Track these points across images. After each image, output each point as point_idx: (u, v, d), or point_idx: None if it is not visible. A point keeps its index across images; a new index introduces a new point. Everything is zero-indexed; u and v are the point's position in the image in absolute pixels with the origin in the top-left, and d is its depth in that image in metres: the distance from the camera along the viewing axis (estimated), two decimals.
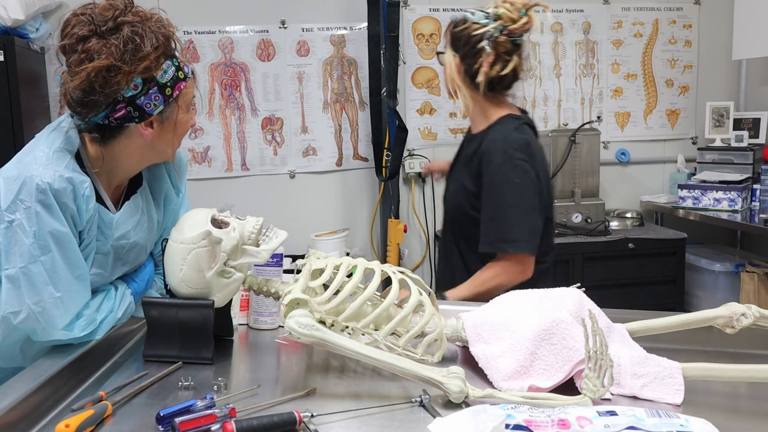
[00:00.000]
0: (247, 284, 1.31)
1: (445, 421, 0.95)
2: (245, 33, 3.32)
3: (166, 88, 1.27)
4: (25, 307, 1.20)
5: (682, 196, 3.31)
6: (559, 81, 3.59)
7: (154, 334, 1.27)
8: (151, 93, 1.26)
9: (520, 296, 1.30)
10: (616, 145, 3.68)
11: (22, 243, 1.19)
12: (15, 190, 1.20)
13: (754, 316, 1.25)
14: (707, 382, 1.15)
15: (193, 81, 1.36)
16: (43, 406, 1.06)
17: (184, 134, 1.38)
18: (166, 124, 1.32)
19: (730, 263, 3.19)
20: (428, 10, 3.44)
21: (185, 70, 1.31)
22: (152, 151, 1.35)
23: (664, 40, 3.66)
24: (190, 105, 1.36)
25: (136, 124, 1.28)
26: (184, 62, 1.32)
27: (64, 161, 1.24)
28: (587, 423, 0.88)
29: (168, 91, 1.28)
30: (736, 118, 3.49)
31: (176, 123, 1.33)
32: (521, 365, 1.14)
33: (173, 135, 1.35)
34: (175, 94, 1.29)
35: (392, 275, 1.26)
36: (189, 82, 1.33)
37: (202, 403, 1.01)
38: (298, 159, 3.43)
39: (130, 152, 1.33)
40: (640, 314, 1.44)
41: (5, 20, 2.68)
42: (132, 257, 1.43)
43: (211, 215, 1.27)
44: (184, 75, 1.31)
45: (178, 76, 1.29)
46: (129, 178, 1.41)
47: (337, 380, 1.18)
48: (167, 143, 1.35)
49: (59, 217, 1.21)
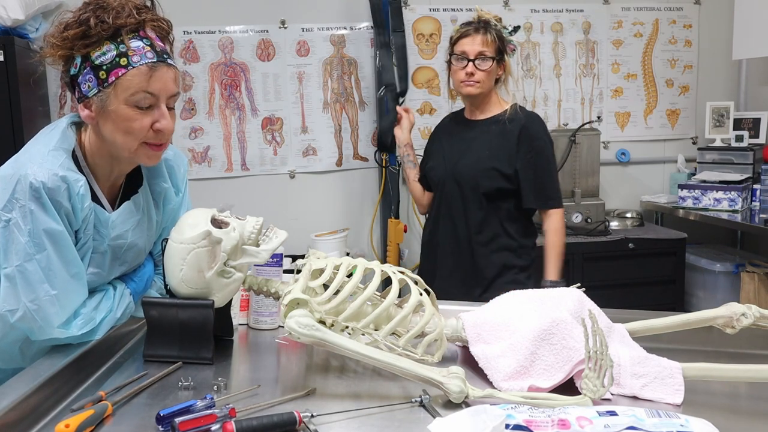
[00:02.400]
0: (247, 284, 1.31)
1: (445, 421, 0.95)
2: (245, 33, 3.32)
3: (100, 71, 1.23)
4: (22, 306, 1.20)
5: (682, 196, 3.31)
6: (559, 81, 3.59)
7: (154, 334, 1.27)
8: (86, 73, 1.24)
9: (520, 296, 1.31)
10: (616, 145, 3.67)
11: (17, 241, 1.19)
12: (10, 188, 1.20)
13: (754, 316, 1.25)
14: (707, 382, 1.15)
15: (151, 78, 1.23)
16: (43, 406, 1.06)
17: (132, 133, 1.25)
18: (105, 113, 1.24)
19: (730, 263, 3.18)
20: (428, 10, 3.44)
21: (133, 60, 1.22)
22: (113, 147, 1.29)
23: (664, 40, 3.66)
24: (134, 100, 1.23)
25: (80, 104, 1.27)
26: (142, 53, 1.23)
27: (59, 160, 1.25)
28: (587, 423, 0.88)
29: (102, 75, 1.23)
30: (737, 118, 3.48)
31: (116, 115, 1.24)
32: (521, 365, 1.14)
33: (115, 128, 1.25)
34: (111, 80, 1.22)
35: (392, 275, 1.26)
36: (132, 73, 1.22)
37: (202, 403, 1.01)
38: (298, 159, 3.43)
39: (99, 145, 1.31)
40: (640, 314, 1.44)
41: (5, 20, 2.68)
42: (130, 257, 1.43)
43: (211, 215, 1.27)
44: (127, 63, 1.22)
45: (117, 62, 1.22)
46: (122, 176, 1.39)
47: (337, 380, 1.18)
48: (112, 136, 1.26)
49: (54, 215, 1.21)
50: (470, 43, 2.22)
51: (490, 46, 2.22)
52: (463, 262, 2.27)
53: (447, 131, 2.41)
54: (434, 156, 2.41)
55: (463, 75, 2.22)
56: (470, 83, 2.22)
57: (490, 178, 2.21)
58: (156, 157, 1.33)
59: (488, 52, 2.21)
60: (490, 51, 2.21)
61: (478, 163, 2.23)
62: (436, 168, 2.36)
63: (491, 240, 2.24)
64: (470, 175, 2.23)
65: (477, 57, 2.20)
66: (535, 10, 3.52)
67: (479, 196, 2.22)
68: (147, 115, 1.25)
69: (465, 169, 2.25)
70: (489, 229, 2.23)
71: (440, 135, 2.43)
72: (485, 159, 2.22)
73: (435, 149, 2.42)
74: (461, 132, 2.34)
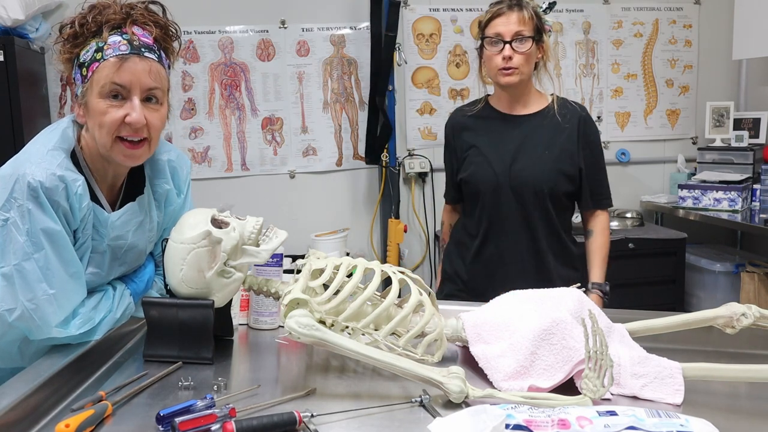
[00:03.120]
0: (247, 284, 1.31)
1: (445, 421, 0.95)
2: (245, 33, 3.32)
3: (83, 68, 1.24)
4: (20, 305, 1.20)
5: (682, 196, 3.31)
6: (559, 81, 3.58)
7: (154, 334, 1.27)
8: (75, 73, 1.27)
9: (520, 296, 1.30)
10: (616, 145, 3.68)
11: (16, 241, 1.19)
12: (9, 188, 1.20)
13: (754, 316, 1.25)
14: (707, 382, 1.15)
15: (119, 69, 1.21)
16: (43, 406, 1.06)
17: (104, 126, 1.23)
18: (87, 110, 1.25)
19: (730, 263, 3.18)
20: (428, 10, 3.44)
21: (107, 53, 1.22)
22: (97, 144, 1.28)
23: (664, 40, 3.66)
24: (105, 92, 1.22)
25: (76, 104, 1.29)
26: (116, 47, 1.22)
27: (57, 159, 1.25)
28: (587, 423, 0.88)
29: (84, 71, 1.24)
30: (736, 118, 3.49)
31: (92, 109, 1.24)
32: (521, 365, 1.14)
33: (93, 123, 1.25)
34: (88, 75, 1.23)
35: (392, 275, 1.26)
36: (103, 65, 1.21)
37: (202, 403, 1.01)
38: (298, 159, 3.43)
39: (93, 145, 1.30)
40: (640, 314, 1.44)
41: (5, 20, 2.68)
42: (130, 258, 1.42)
43: (211, 215, 1.27)
44: (101, 56, 1.22)
45: (95, 57, 1.23)
46: (121, 176, 1.39)
47: (337, 380, 1.18)
48: (94, 132, 1.26)
49: (51, 214, 1.21)
50: (505, 22, 1.89)
51: (528, 25, 1.89)
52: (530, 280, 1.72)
53: (482, 129, 2.02)
54: (473, 159, 2.00)
55: (500, 60, 1.89)
56: (509, 72, 1.89)
57: (556, 182, 1.93)
58: (132, 156, 1.28)
59: (526, 32, 1.88)
60: (528, 30, 1.89)
61: (539, 165, 1.93)
62: (480, 173, 1.97)
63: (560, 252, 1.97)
64: (533, 179, 1.92)
65: (514, 38, 1.88)
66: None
67: (544, 203, 1.93)
68: (119, 108, 1.24)
69: (525, 172, 1.92)
70: (555, 240, 1.96)
71: (472, 133, 2.03)
72: (548, 160, 1.93)
73: (472, 153, 2.01)
74: (505, 130, 2.00)
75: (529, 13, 1.89)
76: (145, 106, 1.25)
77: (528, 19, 1.89)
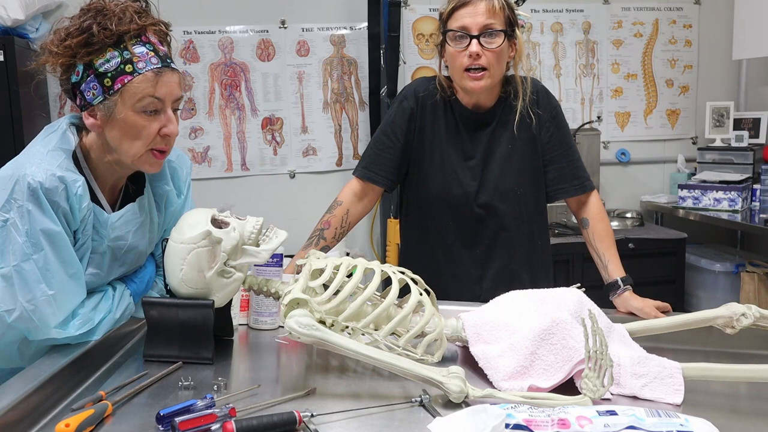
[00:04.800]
0: (247, 284, 1.31)
1: (445, 420, 0.95)
2: (245, 33, 3.32)
3: (105, 79, 1.23)
4: (19, 305, 1.20)
5: (682, 196, 3.31)
6: (559, 81, 3.59)
7: (154, 334, 1.27)
8: (90, 81, 1.25)
9: (520, 296, 1.31)
10: (616, 145, 3.68)
11: (15, 241, 1.20)
12: (9, 189, 1.20)
13: (754, 316, 1.25)
14: (707, 382, 1.15)
15: (158, 83, 1.24)
16: (43, 405, 1.06)
17: (140, 139, 1.26)
18: (112, 121, 1.25)
19: (730, 263, 3.18)
20: (428, 10, 3.44)
21: (139, 66, 1.23)
22: (118, 153, 1.29)
23: (664, 40, 3.66)
24: (142, 106, 1.24)
25: (84, 111, 1.27)
26: (146, 59, 1.23)
27: (58, 160, 1.25)
28: (587, 422, 0.88)
29: (107, 82, 1.23)
30: (736, 118, 3.48)
31: (124, 122, 1.24)
32: (521, 365, 1.14)
33: (122, 135, 1.26)
34: (116, 87, 1.22)
35: (392, 275, 1.26)
36: (139, 80, 1.22)
37: (202, 402, 1.01)
38: (298, 159, 3.43)
39: (103, 151, 1.31)
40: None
41: (5, 20, 2.68)
42: (130, 259, 1.42)
43: (211, 215, 1.27)
44: (132, 70, 1.22)
45: (123, 69, 1.22)
46: (123, 178, 1.39)
47: (337, 380, 1.18)
48: (118, 143, 1.27)
49: (51, 215, 1.21)
50: (471, 13, 1.60)
51: (498, 16, 1.61)
52: None
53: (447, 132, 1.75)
54: (429, 165, 1.76)
55: (466, 59, 1.60)
56: (477, 75, 1.61)
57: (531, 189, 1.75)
58: (158, 164, 1.33)
59: (497, 24, 1.60)
60: (499, 23, 1.61)
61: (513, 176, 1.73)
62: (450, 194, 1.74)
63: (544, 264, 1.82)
64: (512, 194, 1.73)
65: (483, 32, 1.60)
66: (535, 10, 3.51)
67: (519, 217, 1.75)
68: (154, 120, 1.26)
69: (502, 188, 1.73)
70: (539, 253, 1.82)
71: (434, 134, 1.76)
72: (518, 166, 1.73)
73: (429, 159, 1.75)
74: (469, 133, 1.74)
75: (500, 3, 1.62)
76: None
77: (499, 9, 1.61)
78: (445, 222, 1.78)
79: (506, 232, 1.76)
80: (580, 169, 1.77)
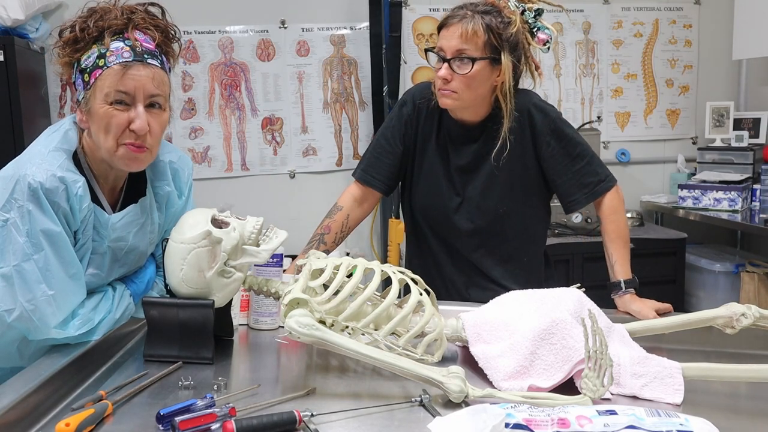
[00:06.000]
0: (247, 284, 1.31)
1: (445, 420, 0.95)
2: (245, 33, 3.32)
3: (85, 74, 1.24)
4: (18, 305, 1.20)
5: (682, 196, 3.31)
6: (559, 81, 3.59)
7: (154, 334, 1.27)
8: (77, 78, 1.27)
9: (519, 296, 1.31)
10: (616, 145, 3.68)
11: (15, 241, 1.20)
12: (9, 189, 1.21)
13: (754, 316, 1.25)
14: (707, 382, 1.15)
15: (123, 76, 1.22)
16: (43, 405, 1.06)
17: (110, 132, 1.24)
18: (90, 115, 1.25)
19: (730, 263, 3.18)
20: (428, 10, 3.44)
21: (110, 60, 1.22)
22: (100, 148, 1.28)
23: (664, 40, 3.66)
24: (109, 99, 1.22)
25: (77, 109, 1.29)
26: (119, 53, 1.22)
27: (59, 161, 1.25)
28: (587, 422, 0.88)
29: (86, 78, 1.24)
30: (736, 118, 3.48)
31: (96, 115, 1.24)
32: (521, 365, 1.14)
33: (97, 129, 1.25)
34: (91, 81, 1.23)
35: (392, 275, 1.26)
36: (107, 73, 1.22)
37: (202, 402, 1.01)
38: (298, 159, 3.43)
39: (94, 148, 1.30)
40: None
41: (5, 20, 2.68)
42: (130, 259, 1.42)
43: (211, 215, 1.27)
44: (104, 63, 1.22)
45: (97, 63, 1.23)
46: (122, 178, 1.39)
47: (337, 380, 1.18)
48: (96, 137, 1.26)
49: (51, 216, 1.21)
50: (448, 36, 1.58)
51: (472, 42, 1.55)
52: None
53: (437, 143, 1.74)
54: (417, 173, 1.77)
55: (439, 81, 1.60)
56: (446, 91, 1.60)
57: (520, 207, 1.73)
58: (136, 160, 1.28)
59: (469, 50, 1.55)
60: (473, 49, 1.55)
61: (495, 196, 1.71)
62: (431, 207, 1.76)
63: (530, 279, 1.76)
64: (492, 213, 1.72)
65: (454, 56, 1.57)
66: None
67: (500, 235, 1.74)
68: (123, 111, 1.24)
69: (484, 207, 1.72)
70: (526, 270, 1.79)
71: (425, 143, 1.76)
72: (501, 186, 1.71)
73: (419, 168, 1.76)
74: (455, 146, 1.72)
75: (480, 25, 1.55)
76: (149, 112, 1.26)
77: (473, 34, 1.55)
78: (430, 231, 1.80)
79: (485, 249, 1.76)
80: (589, 174, 1.70)
